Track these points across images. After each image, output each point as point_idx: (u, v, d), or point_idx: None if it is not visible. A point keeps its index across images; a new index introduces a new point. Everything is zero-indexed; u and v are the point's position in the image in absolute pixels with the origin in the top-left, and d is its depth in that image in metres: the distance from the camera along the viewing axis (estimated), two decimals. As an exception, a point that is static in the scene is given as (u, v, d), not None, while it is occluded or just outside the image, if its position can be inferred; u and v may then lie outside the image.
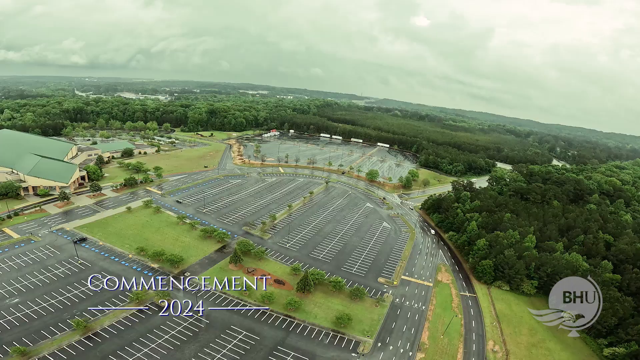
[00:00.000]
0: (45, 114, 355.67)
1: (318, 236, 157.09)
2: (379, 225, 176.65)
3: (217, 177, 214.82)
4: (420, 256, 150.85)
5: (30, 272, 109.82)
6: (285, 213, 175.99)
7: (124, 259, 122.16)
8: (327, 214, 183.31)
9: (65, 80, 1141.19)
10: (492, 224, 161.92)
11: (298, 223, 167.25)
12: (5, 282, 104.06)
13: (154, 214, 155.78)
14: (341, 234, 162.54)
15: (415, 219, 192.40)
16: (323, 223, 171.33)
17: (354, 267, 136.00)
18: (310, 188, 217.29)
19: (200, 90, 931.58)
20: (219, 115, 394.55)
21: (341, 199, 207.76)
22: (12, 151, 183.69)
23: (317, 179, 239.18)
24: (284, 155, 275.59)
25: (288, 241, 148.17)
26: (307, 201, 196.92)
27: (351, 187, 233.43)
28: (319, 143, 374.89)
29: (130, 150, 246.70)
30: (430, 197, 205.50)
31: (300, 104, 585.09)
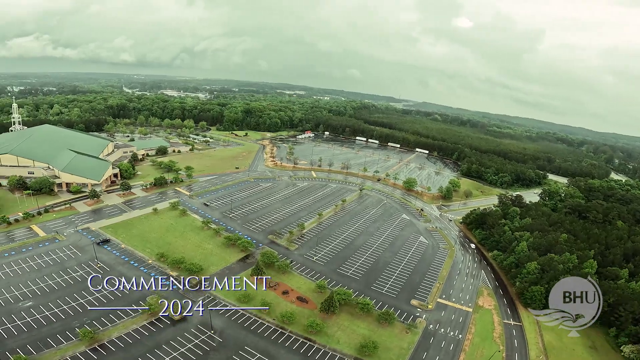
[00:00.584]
0: (90, 109, 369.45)
1: (348, 249, 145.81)
2: (415, 240, 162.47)
3: (247, 179, 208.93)
4: (459, 277, 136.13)
5: (49, 273, 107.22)
6: (315, 222, 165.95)
7: (143, 264, 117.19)
8: (359, 224, 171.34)
9: (115, 77, 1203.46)
10: (545, 245, 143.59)
11: (327, 234, 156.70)
12: (23, 284, 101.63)
13: (179, 216, 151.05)
14: (373, 248, 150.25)
15: (455, 234, 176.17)
16: (354, 235, 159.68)
17: (385, 286, 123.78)
18: (342, 195, 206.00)
19: (238, 90, 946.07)
20: (254, 114, 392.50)
21: (375, 209, 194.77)
22: (51, 147, 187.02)
23: (351, 186, 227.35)
24: (318, 159, 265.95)
25: (315, 254, 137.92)
26: (339, 210, 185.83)
27: (386, 195, 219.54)
28: (354, 147, 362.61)
29: (165, 148, 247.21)
30: (474, 211, 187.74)
31: (337, 105, 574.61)
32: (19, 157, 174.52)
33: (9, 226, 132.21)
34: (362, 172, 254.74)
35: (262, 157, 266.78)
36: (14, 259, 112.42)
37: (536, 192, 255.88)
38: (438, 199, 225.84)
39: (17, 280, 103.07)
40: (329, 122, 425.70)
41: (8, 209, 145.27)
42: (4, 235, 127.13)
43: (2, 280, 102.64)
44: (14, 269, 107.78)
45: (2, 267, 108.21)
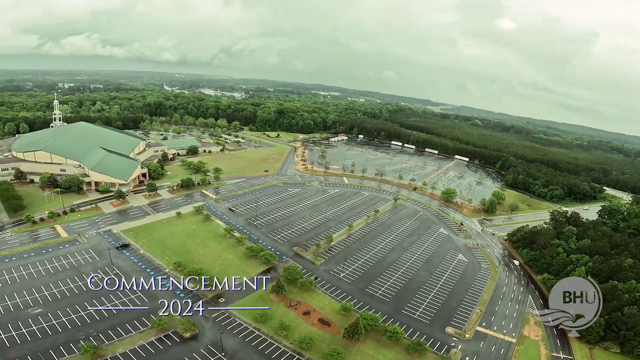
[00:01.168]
0: (130, 107, 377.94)
1: (378, 266, 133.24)
2: (454, 258, 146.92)
3: (275, 183, 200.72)
4: (502, 302, 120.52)
5: (63, 278, 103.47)
6: (344, 234, 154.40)
7: (160, 273, 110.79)
8: (392, 238, 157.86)
9: (158, 75, 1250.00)
10: (607, 271, 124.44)
11: (357, 247, 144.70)
12: (36, 288, 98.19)
13: (202, 222, 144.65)
14: (406, 265, 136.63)
15: (499, 252, 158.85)
16: (386, 250, 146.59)
17: (417, 310, 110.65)
18: (375, 205, 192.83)
19: (274, 89, 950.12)
20: (287, 115, 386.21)
21: (410, 221, 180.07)
22: (84, 144, 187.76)
23: (385, 194, 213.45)
24: (350, 164, 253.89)
25: (343, 270, 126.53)
26: (371, 220, 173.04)
27: (423, 206, 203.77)
28: (389, 151, 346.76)
29: (196, 148, 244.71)
30: (521, 229, 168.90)
31: (372, 108, 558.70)
32: (52, 154, 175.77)
33: (33, 225, 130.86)
34: (397, 179, 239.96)
35: (293, 160, 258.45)
36: (32, 261, 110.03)
37: (585, 208, 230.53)
38: (480, 212, 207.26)
39: (30, 284, 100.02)
40: (364, 124, 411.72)
41: (36, 207, 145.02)
42: (28, 234, 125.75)
43: (16, 283, 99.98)
44: (30, 272, 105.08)
45: (19, 269, 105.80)
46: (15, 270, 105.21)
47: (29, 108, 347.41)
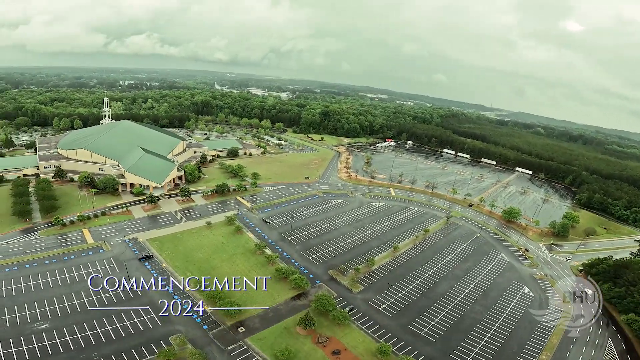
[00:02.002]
0: (178, 105, 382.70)
1: (426, 298, 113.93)
2: (516, 291, 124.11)
3: (315, 193, 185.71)
4: (575, 347, 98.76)
5: (78, 290, 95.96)
6: (388, 256, 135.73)
7: (178, 292, 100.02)
8: (443, 264, 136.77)
9: (210, 75, 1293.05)
10: None
11: (402, 274, 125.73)
12: (48, 300, 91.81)
13: (233, 234, 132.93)
14: (459, 298, 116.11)
15: (572, 285, 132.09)
16: (436, 278, 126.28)
17: (470, 354, 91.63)
18: (425, 222, 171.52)
19: (320, 90, 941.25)
20: (333, 118, 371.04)
21: (465, 244, 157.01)
22: (124, 144, 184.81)
23: (436, 210, 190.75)
24: (398, 174, 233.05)
25: (383, 300, 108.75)
26: (420, 241, 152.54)
27: (480, 227, 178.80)
28: (441, 160, 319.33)
29: (236, 150, 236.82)
30: (604, 261, 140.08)
31: (422, 112, 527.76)
32: (93, 153, 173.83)
33: (62, 228, 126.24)
34: (450, 194, 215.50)
35: (336, 167, 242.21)
36: (51, 269, 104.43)
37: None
38: (548, 236, 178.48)
39: (43, 295, 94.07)
40: (413, 130, 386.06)
41: (70, 207, 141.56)
42: (55, 238, 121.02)
43: (30, 293, 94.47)
44: (47, 281, 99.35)
45: (37, 277, 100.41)
46: (33, 277, 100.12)
47: (87, 104, 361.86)
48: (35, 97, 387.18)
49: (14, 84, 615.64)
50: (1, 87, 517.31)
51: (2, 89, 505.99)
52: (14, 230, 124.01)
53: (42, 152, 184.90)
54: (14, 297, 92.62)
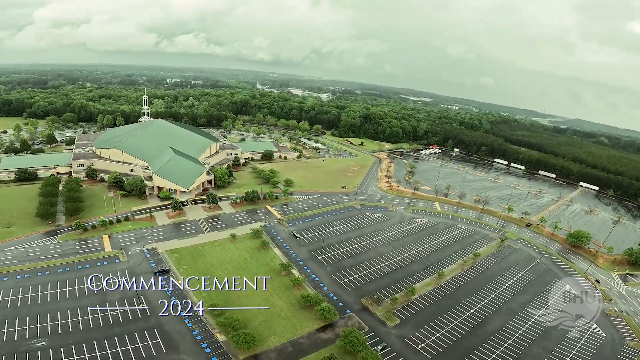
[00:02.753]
0: (217, 104, 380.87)
1: (474, 336, 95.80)
2: (585, 330, 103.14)
3: (352, 204, 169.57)
4: None
5: (84, 306, 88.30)
6: (431, 284, 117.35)
7: (191, 315, 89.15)
8: (496, 295, 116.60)
9: (253, 74, 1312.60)
10: None
11: (447, 305, 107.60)
12: (52, 314, 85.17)
13: (258, 249, 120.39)
14: (515, 337, 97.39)
15: None
16: (487, 311, 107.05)
17: None
18: (475, 244, 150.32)
19: (361, 92, 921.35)
20: (374, 121, 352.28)
21: (522, 272, 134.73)
22: (157, 144, 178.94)
23: (488, 230, 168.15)
24: (445, 186, 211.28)
25: (423, 338, 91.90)
26: (469, 267, 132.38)
27: (539, 251, 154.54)
28: (492, 171, 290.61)
29: (270, 153, 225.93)
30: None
31: (469, 117, 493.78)
32: (124, 153, 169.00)
33: (83, 233, 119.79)
34: (504, 211, 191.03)
35: (376, 176, 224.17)
36: (63, 279, 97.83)
37: None
38: (622, 265, 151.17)
39: (48, 308, 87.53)
40: (461, 137, 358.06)
41: (95, 210, 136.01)
42: (73, 244, 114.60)
43: (35, 305, 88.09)
44: (55, 292, 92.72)
45: (45, 287, 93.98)
46: (42, 287, 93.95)
47: (131, 102, 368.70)
48: (86, 93, 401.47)
49: (72, 80, 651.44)
50: (58, 84, 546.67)
51: (59, 85, 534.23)
52: (35, 233, 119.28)
53: (78, 150, 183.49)
54: (18, 308, 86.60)
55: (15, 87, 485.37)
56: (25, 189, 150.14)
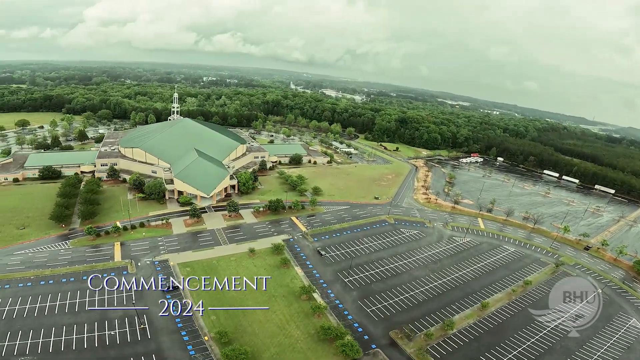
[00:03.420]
0: (249, 103, 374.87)
1: None
2: None
3: (385, 218, 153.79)
4: None
5: (81, 322, 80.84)
6: (473, 316, 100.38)
7: (196, 342, 78.51)
8: (549, 330, 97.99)
9: (288, 74, 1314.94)
10: None
11: (491, 342, 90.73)
12: (46, 329, 78.20)
13: (278, 267, 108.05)
14: None
15: None
16: (539, 350, 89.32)
17: None
18: (525, 270, 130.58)
19: (396, 95, 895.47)
20: (410, 125, 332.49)
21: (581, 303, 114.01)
22: (181, 144, 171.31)
23: (539, 253, 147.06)
24: (490, 201, 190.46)
25: None
26: (517, 296, 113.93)
27: (601, 279, 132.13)
28: (540, 184, 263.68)
29: (299, 157, 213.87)
30: None
31: (514, 124, 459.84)
32: (147, 153, 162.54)
33: (95, 239, 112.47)
34: (558, 232, 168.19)
35: (412, 186, 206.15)
36: (64, 290, 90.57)
37: None
38: None
39: (42, 322, 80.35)
40: (505, 145, 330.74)
41: (111, 214, 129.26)
42: (83, 250, 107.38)
43: (29, 318, 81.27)
44: (54, 305, 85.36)
45: (45, 299, 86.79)
46: (42, 299, 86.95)
47: (165, 99, 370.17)
48: (123, 90, 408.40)
49: (114, 77, 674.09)
50: (100, 80, 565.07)
51: (100, 81, 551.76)
52: (47, 237, 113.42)
53: (104, 148, 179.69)
54: (13, 320, 80.00)
55: (61, 83, 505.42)
56: (47, 187, 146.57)
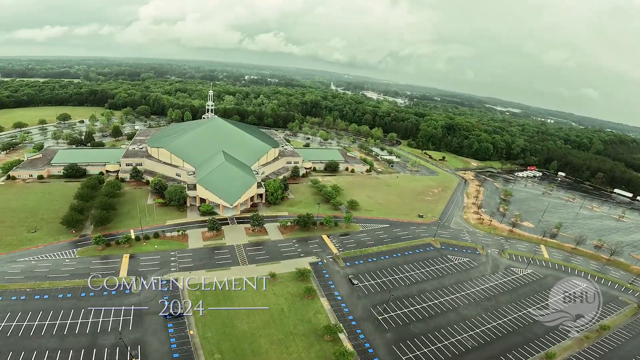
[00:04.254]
0: (287, 103, 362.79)
1: None
2: None
3: (430, 242, 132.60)
4: None
5: (67, 349, 71.27)
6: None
7: None
8: None
9: (328, 75, 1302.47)
10: None
11: None
12: (27, 353, 69.33)
13: (301, 297, 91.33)
14: None
15: None
16: None
17: None
18: (600, 311, 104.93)
19: (440, 99, 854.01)
20: (459, 133, 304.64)
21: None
22: (209, 146, 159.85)
23: (616, 290, 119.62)
24: (554, 224, 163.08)
25: None
26: (590, 344, 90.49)
27: None
28: (612, 205, 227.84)
29: (336, 164, 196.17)
30: None
31: (576, 134, 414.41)
32: (172, 155, 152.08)
33: (104, 249, 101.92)
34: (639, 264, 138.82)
35: (461, 202, 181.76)
36: (57, 307, 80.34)
37: None
38: None
39: (25, 344, 71.30)
40: (568, 158, 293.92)
41: (126, 220, 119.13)
42: (89, 262, 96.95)
43: (12, 337, 72.48)
44: (42, 324, 75.50)
45: (35, 316, 77.17)
46: (32, 316, 77.10)
47: (204, 96, 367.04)
48: (165, 86, 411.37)
49: (161, 73, 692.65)
50: (146, 76, 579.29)
51: (146, 77, 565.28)
52: (56, 243, 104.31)
53: (132, 147, 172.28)
54: None
55: (111, 79, 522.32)
56: (69, 186, 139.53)
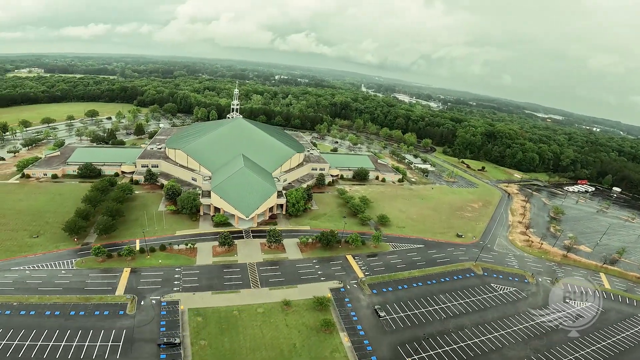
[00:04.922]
0: (315, 104, 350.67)
1: None
2: None
3: (470, 267, 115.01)
4: None
5: None
6: None
7: None
8: None
9: (359, 77, 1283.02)
10: None
11: None
12: None
13: (317, 331, 77.44)
14: None
15: None
16: None
17: None
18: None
19: (475, 104, 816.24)
20: (500, 141, 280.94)
21: None
22: (229, 149, 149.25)
23: None
24: (615, 249, 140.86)
25: None
26: None
27: None
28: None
29: (365, 172, 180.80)
30: None
31: (631, 146, 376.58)
32: (189, 157, 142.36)
33: (104, 261, 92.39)
34: None
35: (506, 220, 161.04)
36: (42, 327, 71.82)
37: None
38: None
39: None
40: (624, 172, 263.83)
41: (135, 227, 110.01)
42: (86, 274, 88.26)
43: None
44: (21, 345, 67.08)
45: (15, 335, 69.16)
46: (12, 335, 69.05)
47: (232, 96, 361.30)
48: (194, 84, 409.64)
49: (193, 72, 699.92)
50: (178, 74, 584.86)
51: (178, 74, 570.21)
52: (56, 251, 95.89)
53: (151, 147, 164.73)
54: None
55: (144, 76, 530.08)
56: (81, 187, 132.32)
